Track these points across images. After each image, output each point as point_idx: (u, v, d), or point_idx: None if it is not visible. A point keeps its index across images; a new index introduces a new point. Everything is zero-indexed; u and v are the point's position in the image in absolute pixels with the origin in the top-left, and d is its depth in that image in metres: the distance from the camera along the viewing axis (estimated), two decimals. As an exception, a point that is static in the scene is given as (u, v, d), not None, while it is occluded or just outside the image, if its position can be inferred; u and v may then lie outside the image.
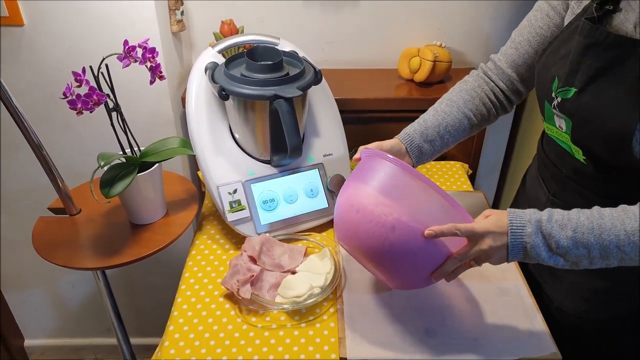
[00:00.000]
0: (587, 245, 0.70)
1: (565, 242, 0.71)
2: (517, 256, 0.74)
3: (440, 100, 1.01)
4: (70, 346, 1.87)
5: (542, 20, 0.92)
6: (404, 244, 0.75)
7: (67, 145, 1.38)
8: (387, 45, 1.44)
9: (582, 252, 0.71)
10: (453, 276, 0.80)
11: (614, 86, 0.74)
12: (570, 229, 0.71)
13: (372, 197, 0.78)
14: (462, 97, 0.99)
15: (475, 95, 1.00)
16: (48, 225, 1.05)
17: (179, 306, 0.92)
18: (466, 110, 0.98)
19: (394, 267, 0.80)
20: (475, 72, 1.05)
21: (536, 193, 0.99)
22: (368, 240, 0.78)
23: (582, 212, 0.72)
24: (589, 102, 0.77)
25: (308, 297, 0.90)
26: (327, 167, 1.11)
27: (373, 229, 0.76)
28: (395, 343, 0.84)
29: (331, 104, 1.14)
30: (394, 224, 0.75)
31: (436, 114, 0.98)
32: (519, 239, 0.72)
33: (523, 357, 0.81)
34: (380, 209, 0.76)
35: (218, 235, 1.09)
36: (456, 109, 0.98)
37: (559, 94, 0.82)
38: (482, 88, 1.01)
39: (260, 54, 1.03)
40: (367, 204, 0.77)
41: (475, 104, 0.99)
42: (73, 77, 0.86)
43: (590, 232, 0.70)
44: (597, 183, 0.83)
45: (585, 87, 0.78)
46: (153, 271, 1.64)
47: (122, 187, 0.92)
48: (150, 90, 1.24)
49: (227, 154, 1.05)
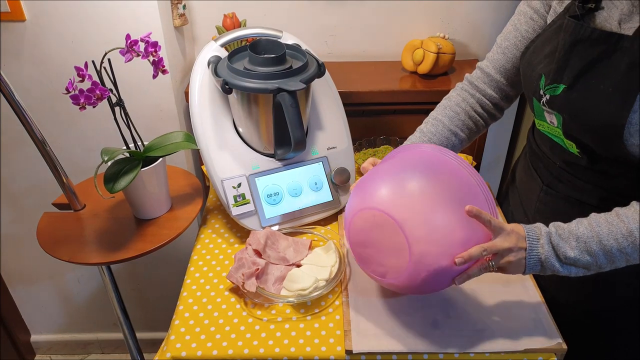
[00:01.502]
0: (592, 253, 0.74)
1: (571, 252, 0.75)
2: (534, 268, 0.77)
3: (426, 120, 1.03)
4: (77, 341, 1.88)
5: (527, 24, 0.93)
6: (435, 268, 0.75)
7: (71, 140, 1.38)
8: (391, 37, 1.43)
9: (588, 259, 0.75)
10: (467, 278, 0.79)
11: (602, 81, 0.76)
12: (573, 240, 0.75)
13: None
14: (446, 114, 1.01)
15: (460, 111, 1.01)
16: (53, 220, 1.05)
17: (184, 300, 0.92)
18: (452, 127, 1.00)
19: (419, 287, 0.79)
20: (460, 84, 1.06)
21: (528, 185, 0.99)
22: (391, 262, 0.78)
23: (580, 222, 0.77)
24: (578, 97, 0.79)
25: (313, 290, 0.90)
26: (331, 160, 1.10)
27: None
28: (401, 335, 0.84)
29: (335, 97, 1.14)
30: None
31: (422, 135, 1.00)
32: (535, 251, 0.76)
33: (528, 347, 0.81)
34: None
35: (223, 229, 1.09)
36: (442, 128, 1.00)
37: (547, 91, 0.84)
38: (467, 102, 1.01)
39: (263, 47, 1.02)
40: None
41: (462, 119, 1.00)
42: (75, 72, 0.86)
43: (591, 240, 0.74)
44: (592, 174, 0.84)
45: (573, 84, 0.79)
46: (158, 265, 1.64)
47: (126, 182, 0.92)
48: (153, 84, 1.24)
49: (231, 148, 1.04)
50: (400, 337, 0.84)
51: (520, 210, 1.04)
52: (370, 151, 1.29)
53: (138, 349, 1.27)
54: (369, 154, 1.28)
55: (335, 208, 1.10)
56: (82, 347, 1.90)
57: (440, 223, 0.74)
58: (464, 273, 0.76)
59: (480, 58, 1.46)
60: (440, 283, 0.79)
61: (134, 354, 1.27)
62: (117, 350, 1.91)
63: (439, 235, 0.74)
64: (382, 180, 0.80)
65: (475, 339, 0.83)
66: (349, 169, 1.10)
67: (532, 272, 0.78)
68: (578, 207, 0.88)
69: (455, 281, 0.77)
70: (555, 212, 0.93)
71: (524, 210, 1.02)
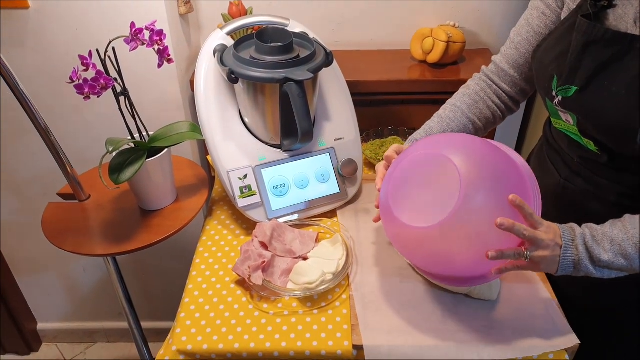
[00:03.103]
0: (627, 256, 0.73)
1: (605, 255, 0.73)
2: (567, 269, 0.75)
3: (444, 106, 1.02)
4: (83, 330, 1.88)
5: (539, 19, 0.92)
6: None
7: (75, 130, 1.37)
8: (400, 25, 1.40)
9: (623, 262, 0.73)
10: (503, 272, 0.77)
11: (614, 83, 0.75)
12: (607, 242, 0.73)
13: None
14: (465, 102, 1.00)
15: (478, 100, 1.00)
16: (58, 211, 1.04)
17: (190, 292, 0.92)
18: (470, 115, 0.99)
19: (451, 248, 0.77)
20: (477, 75, 1.05)
21: (544, 179, 0.98)
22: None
23: (614, 225, 0.75)
24: (591, 100, 0.78)
25: (320, 284, 0.89)
26: (339, 151, 1.09)
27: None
28: (409, 330, 0.83)
29: (342, 87, 1.12)
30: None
31: (441, 121, 1.00)
32: (570, 251, 0.74)
33: (537, 343, 0.80)
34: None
35: (229, 220, 1.08)
36: (460, 114, 0.99)
37: (559, 92, 0.83)
38: (485, 92, 1.01)
39: (270, 35, 1.00)
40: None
41: (479, 108, 1.00)
42: (80, 61, 0.85)
43: (626, 242, 0.73)
44: (611, 171, 0.83)
45: (586, 85, 0.78)
46: (164, 256, 1.64)
47: (132, 172, 0.91)
48: (158, 73, 1.22)
49: (237, 139, 1.03)
50: (408, 332, 0.83)
51: None
52: (378, 142, 1.27)
53: (143, 338, 1.27)
54: (376, 144, 1.26)
55: (342, 200, 1.09)
56: (88, 336, 1.90)
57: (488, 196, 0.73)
58: (498, 250, 0.73)
59: (490, 47, 1.44)
60: (470, 251, 0.75)
61: (139, 343, 1.27)
62: (122, 339, 1.91)
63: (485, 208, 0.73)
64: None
65: (484, 335, 0.82)
66: (356, 161, 1.08)
67: (565, 273, 0.76)
68: (595, 202, 0.87)
69: (489, 254, 0.73)
70: (571, 207, 0.91)
71: None
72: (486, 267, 0.78)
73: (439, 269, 0.84)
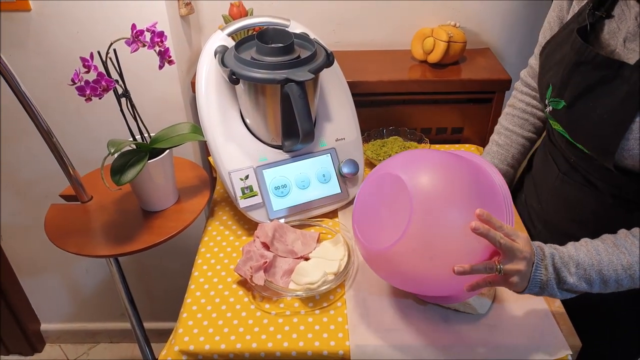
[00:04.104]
0: (590, 281, 0.73)
1: (570, 279, 0.72)
2: (534, 288, 0.73)
3: (499, 131, 1.08)
4: (86, 330, 1.89)
5: (554, 22, 0.94)
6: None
7: (77, 132, 1.38)
8: (400, 25, 1.40)
9: (585, 287, 0.73)
10: (475, 288, 0.74)
11: (599, 105, 0.76)
12: (573, 265, 0.73)
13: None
14: (516, 123, 1.06)
15: (527, 117, 1.05)
16: (60, 212, 1.05)
17: (192, 293, 0.92)
18: (525, 133, 1.06)
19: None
20: (517, 85, 1.09)
21: (544, 172, 0.99)
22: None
23: (578, 248, 0.74)
24: (575, 118, 0.80)
25: (322, 284, 0.89)
26: (340, 151, 1.09)
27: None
28: (410, 330, 0.83)
29: (343, 87, 1.12)
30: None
31: (500, 149, 1.07)
32: (539, 271, 0.72)
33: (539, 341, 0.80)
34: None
35: (230, 221, 1.09)
36: (515, 137, 1.06)
37: (551, 103, 0.85)
38: (530, 105, 1.05)
39: (271, 36, 1.00)
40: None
41: (531, 123, 1.06)
42: (81, 63, 0.85)
43: (591, 268, 0.72)
44: (605, 172, 0.83)
45: (573, 103, 0.80)
46: (165, 257, 1.64)
47: (133, 174, 0.91)
48: (159, 75, 1.22)
49: (238, 140, 1.03)
50: (407, 334, 0.83)
51: (534, 198, 1.03)
52: (379, 142, 1.27)
53: (145, 338, 1.27)
54: (377, 145, 1.26)
55: (343, 200, 1.09)
56: (90, 336, 1.91)
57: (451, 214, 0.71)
58: (466, 265, 0.69)
59: (491, 47, 1.43)
60: (435, 270, 0.72)
61: (141, 343, 1.27)
62: (125, 340, 1.92)
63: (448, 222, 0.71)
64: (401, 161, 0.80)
65: (486, 335, 0.82)
66: (357, 161, 1.09)
67: (529, 293, 0.74)
68: (592, 197, 0.87)
69: (455, 268, 0.69)
70: (569, 200, 0.92)
71: (538, 197, 1.01)
72: (457, 285, 0.74)
73: (410, 289, 0.83)
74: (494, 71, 1.31)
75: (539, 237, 0.97)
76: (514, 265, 0.70)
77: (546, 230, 0.98)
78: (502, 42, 1.43)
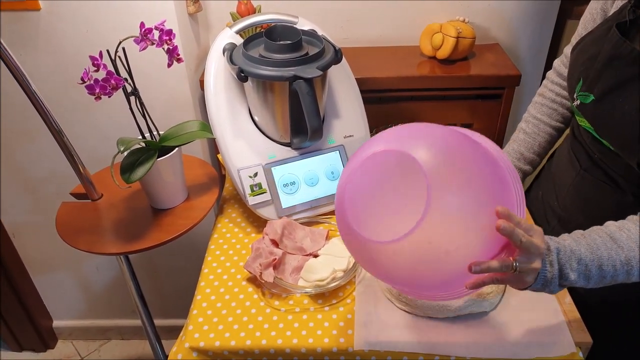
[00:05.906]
0: (589, 277, 0.70)
1: (572, 275, 0.70)
2: (537, 285, 0.70)
3: (527, 119, 1.07)
4: (97, 327, 1.91)
5: (588, 22, 0.93)
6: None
7: (87, 130, 1.38)
8: (409, 21, 1.39)
9: (582, 283, 0.71)
10: (479, 287, 0.69)
11: (628, 102, 0.75)
12: (575, 261, 0.70)
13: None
14: (545, 112, 1.05)
15: (557, 107, 1.04)
16: (71, 210, 1.06)
17: (202, 290, 0.92)
18: (553, 123, 1.05)
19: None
20: (549, 74, 1.07)
21: (565, 168, 0.98)
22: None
23: (578, 242, 0.71)
24: (603, 113, 0.79)
25: (331, 281, 0.89)
26: (348, 148, 1.09)
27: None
28: (419, 326, 0.83)
29: (351, 84, 1.12)
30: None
31: (527, 137, 1.06)
32: (546, 267, 0.69)
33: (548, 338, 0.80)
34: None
35: (239, 218, 1.09)
36: (543, 126, 1.05)
37: (579, 96, 0.84)
38: (560, 95, 1.04)
39: (279, 33, 1.00)
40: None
41: (560, 113, 1.04)
42: (90, 62, 0.86)
43: (592, 263, 0.70)
44: (628, 170, 0.82)
45: (602, 97, 0.79)
46: (175, 254, 1.65)
47: (143, 172, 0.92)
48: (168, 73, 1.23)
49: (247, 137, 1.03)
50: (416, 330, 0.83)
51: (552, 195, 1.02)
52: (388, 139, 1.27)
53: (156, 335, 1.28)
54: (386, 141, 1.26)
55: (352, 197, 1.09)
56: (102, 333, 1.93)
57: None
58: (483, 261, 0.64)
59: (501, 42, 1.42)
60: (447, 265, 0.65)
61: (152, 340, 1.28)
62: (136, 336, 1.93)
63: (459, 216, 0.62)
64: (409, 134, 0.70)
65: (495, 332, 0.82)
66: (366, 158, 1.08)
67: (530, 289, 0.70)
68: (613, 194, 0.86)
69: (472, 267, 0.64)
70: (588, 197, 0.91)
71: (556, 194, 1.00)
72: (462, 283, 0.68)
73: (410, 287, 0.76)
74: (503, 67, 1.30)
75: (552, 234, 0.97)
76: (531, 264, 0.67)
77: (560, 226, 0.98)
78: (512, 38, 1.42)
